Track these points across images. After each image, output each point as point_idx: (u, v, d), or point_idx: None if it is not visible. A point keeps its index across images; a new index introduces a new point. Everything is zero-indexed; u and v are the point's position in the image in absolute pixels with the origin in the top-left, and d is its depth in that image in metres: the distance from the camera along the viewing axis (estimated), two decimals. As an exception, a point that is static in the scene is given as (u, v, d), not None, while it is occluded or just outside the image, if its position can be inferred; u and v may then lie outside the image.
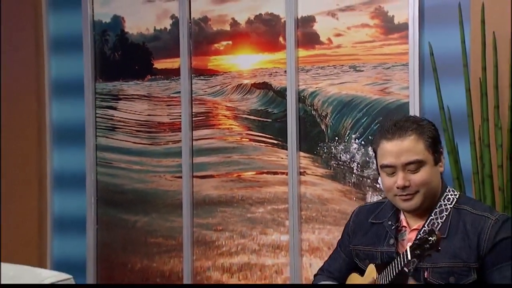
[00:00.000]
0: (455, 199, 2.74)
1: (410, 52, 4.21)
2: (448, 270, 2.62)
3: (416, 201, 2.70)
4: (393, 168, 2.69)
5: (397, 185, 2.68)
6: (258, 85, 4.69)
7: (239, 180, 4.75)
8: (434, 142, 2.73)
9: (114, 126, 5.09)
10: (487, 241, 2.62)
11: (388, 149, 2.70)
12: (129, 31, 5.03)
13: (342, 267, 2.96)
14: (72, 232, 5.13)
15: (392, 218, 2.81)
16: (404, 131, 2.70)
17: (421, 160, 2.68)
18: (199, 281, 4.80)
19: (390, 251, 2.73)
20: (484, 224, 2.65)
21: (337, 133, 4.47)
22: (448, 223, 2.68)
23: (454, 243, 2.63)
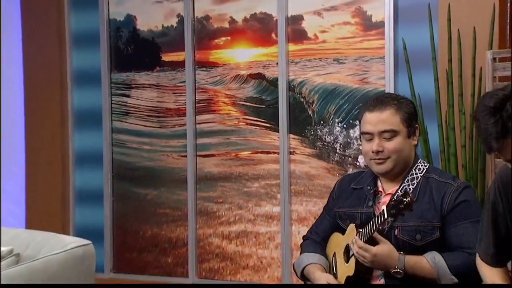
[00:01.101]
0: (425, 169, 2.77)
1: (386, 47, 4.23)
2: (416, 228, 2.64)
3: (387, 166, 2.72)
4: (371, 135, 2.73)
5: (372, 149, 2.72)
6: (253, 76, 4.68)
7: (237, 158, 4.75)
8: (409, 117, 2.75)
9: (127, 111, 5.08)
10: (448, 203, 2.66)
11: (368, 118, 2.74)
12: (140, 28, 5.02)
13: (327, 228, 2.95)
14: (91, 204, 5.14)
15: (371, 184, 2.82)
16: (384, 104, 2.74)
17: (395, 130, 2.71)
18: (202, 246, 4.80)
19: (369, 212, 2.75)
20: (447, 189, 2.69)
21: (322, 118, 4.48)
22: (418, 189, 2.71)
23: (421, 205, 2.66)
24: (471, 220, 2.66)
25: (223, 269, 4.77)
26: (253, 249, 4.68)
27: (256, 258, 4.67)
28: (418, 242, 2.65)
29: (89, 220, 5.15)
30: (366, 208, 2.78)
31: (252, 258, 4.68)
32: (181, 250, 4.90)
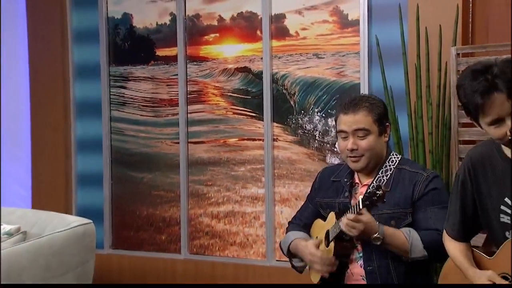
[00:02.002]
0: (397, 161, 2.79)
1: (361, 43, 4.23)
2: (390, 215, 2.66)
3: (362, 163, 2.74)
4: (346, 133, 2.74)
5: (347, 147, 2.73)
6: (240, 69, 4.68)
7: (225, 145, 4.75)
8: (380, 117, 2.77)
9: (125, 101, 5.07)
10: (419, 191, 2.68)
11: (343, 119, 2.75)
12: (136, 25, 5.00)
13: (310, 215, 2.97)
14: (92, 186, 5.14)
15: (348, 176, 2.84)
16: (357, 107, 2.75)
17: (368, 129, 2.72)
18: (193, 225, 4.81)
19: (345, 202, 2.77)
20: (418, 178, 2.71)
21: (303, 108, 4.48)
22: (391, 179, 2.72)
23: (395, 194, 2.68)
24: (439, 206, 2.69)
25: (212, 245, 4.78)
26: (240, 228, 4.69)
27: (243, 235, 4.69)
28: (393, 227, 2.66)
29: (90, 201, 5.15)
30: (343, 198, 2.80)
31: (239, 236, 4.70)
32: (174, 229, 4.90)
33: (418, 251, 2.59)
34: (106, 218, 5.09)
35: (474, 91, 2.17)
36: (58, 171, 5.16)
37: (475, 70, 2.20)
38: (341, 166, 2.96)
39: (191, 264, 4.82)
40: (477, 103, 2.17)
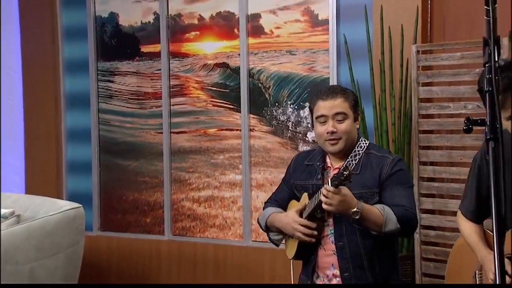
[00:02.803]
0: (365, 146, 2.78)
1: (330, 41, 4.24)
2: (359, 195, 2.64)
3: (340, 145, 2.72)
4: (326, 117, 2.71)
5: (327, 130, 2.70)
6: (219, 65, 4.67)
7: (205, 135, 4.75)
8: (355, 105, 2.77)
9: (112, 94, 5.06)
10: (385, 173, 2.69)
11: (323, 105, 2.73)
12: (122, 24, 4.99)
13: (285, 197, 2.96)
14: (81, 173, 5.13)
15: (320, 160, 2.82)
16: (335, 93, 2.74)
17: (346, 114, 2.71)
18: (176, 209, 4.82)
19: (318, 184, 2.75)
20: (384, 161, 2.71)
21: (277, 100, 4.49)
22: (360, 163, 2.72)
23: (364, 176, 2.68)
24: (404, 186, 2.71)
25: (193, 227, 4.80)
26: (219, 211, 4.71)
27: (222, 218, 4.70)
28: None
29: (80, 186, 5.14)
30: (316, 180, 2.79)
31: (218, 218, 4.71)
32: (158, 212, 4.91)
33: (392, 224, 2.59)
34: (95, 202, 5.08)
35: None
36: (50, 159, 5.15)
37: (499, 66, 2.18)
38: (314, 151, 2.96)
39: (174, 245, 4.83)
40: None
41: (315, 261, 2.77)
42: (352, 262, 2.69)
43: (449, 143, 3.72)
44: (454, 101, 3.73)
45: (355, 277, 2.68)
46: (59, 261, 3.76)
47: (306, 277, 2.82)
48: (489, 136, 1.57)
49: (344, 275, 2.69)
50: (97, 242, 5.03)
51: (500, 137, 1.57)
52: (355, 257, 2.68)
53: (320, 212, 2.67)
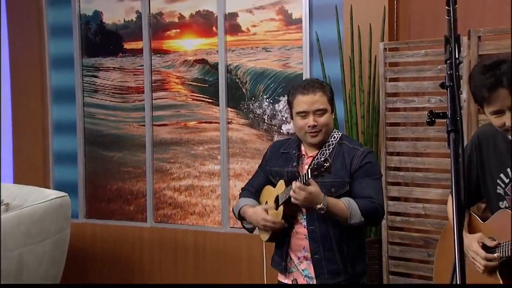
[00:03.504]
0: (339, 137, 2.79)
1: (303, 39, 4.24)
2: (331, 184, 2.67)
3: (320, 137, 2.74)
4: (307, 113, 2.72)
5: (309, 124, 2.71)
6: (198, 61, 4.66)
7: (185, 127, 4.74)
8: (331, 98, 2.79)
9: (96, 89, 5.03)
10: (356, 164, 2.71)
11: (303, 100, 2.73)
12: (106, 22, 4.96)
13: (260, 182, 2.96)
14: (67, 163, 5.10)
15: (296, 148, 2.83)
16: (314, 88, 2.75)
17: (325, 109, 2.73)
18: (158, 197, 4.81)
19: (293, 170, 2.77)
20: (356, 153, 2.73)
21: (253, 95, 4.49)
22: (333, 153, 2.73)
23: (335, 166, 2.68)
24: (373, 177, 2.73)
25: (174, 215, 4.80)
26: (199, 199, 4.71)
27: (201, 206, 4.70)
28: (333, 194, 2.68)
29: (66, 176, 5.11)
30: (292, 168, 2.80)
31: (197, 206, 4.72)
32: (141, 200, 4.90)
33: (357, 217, 2.62)
34: (80, 191, 5.06)
35: (482, 85, 2.16)
36: (37, 150, 5.12)
37: (486, 65, 2.18)
38: (289, 140, 2.97)
39: (156, 231, 4.83)
40: (483, 96, 2.17)
41: (289, 244, 2.79)
42: (322, 245, 2.71)
43: (414, 134, 3.75)
44: (418, 95, 3.75)
45: (324, 259, 2.71)
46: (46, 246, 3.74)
47: (280, 258, 2.84)
48: (450, 128, 1.59)
49: (315, 257, 2.72)
50: (83, 229, 5.01)
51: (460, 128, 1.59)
52: (325, 240, 2.70)
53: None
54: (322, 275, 2.71)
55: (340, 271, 2.71)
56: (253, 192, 2.99)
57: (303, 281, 2.77)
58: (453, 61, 1.60)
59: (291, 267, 2.81)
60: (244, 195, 3.02)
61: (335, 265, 2.71)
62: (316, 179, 2.57)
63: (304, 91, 2.75)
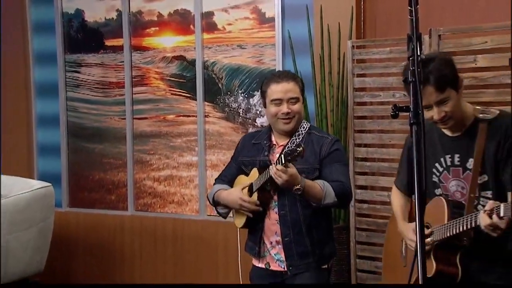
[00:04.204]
0: (307, 127, 2.80)
1: (276, 37, 4.24)
2: (302, 170, 2.66)
3: (292, 124, 2.74)
4: (281, 100, 2.71)
5: (283, 111, 2.70)
6: (176, 57, 4.64)
7: (164, 120, 4.72)
8: (302, 89, 2.80)
9: (79, 84, 4.99)
10: (325, 151, 2.72)
11: (278, 89, 2.72)
12: (88, 20, 4.92)
13: (233, 173, 2.95)
14: (51, 155, 5.06)
15: (267, 139, 2.83)
16: (288, 78, 2.76)
17: (298, 97, 2.74)
18: (138, 187, 4.79)
19: (265, 160, 2.77)
20: (324, 141, 2.74)
21: (229, 90, 4.49)
22: (303, 142, 2.73)
23: (306, 153, 2.64)
24: (341, 163, 2.74)
25: (154, 204, 4.78)
26: (177, 189, 4.70)
27: (180, 195, 4.70)
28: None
29: (50, 167, 5.07)
30: (264, 157, 2.80)
31: (176, 195, 4.71)
32: (122, 190, 4.88)
33: (330, 198, 2.63)
34: (64, 181, 5.02)
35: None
36: (22, 143, 5.07)
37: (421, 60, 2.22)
38: (259, 131, 2.96)
39: (136, 219, 4.81)
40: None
41: (262, 229, 2.80)
42: (292, 229, 2.72)
43: (380, 127, 3.78)
44: (384, 90, 3.78)
45: (294, 242, 2.72)
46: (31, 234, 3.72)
47: (254, 243, 2.84)
48: (413, 121, 1.62)
49: (285, 240, 2.73)
50: (66, 217, 4.97)
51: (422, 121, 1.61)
52: (295, 224, 2.72)
53: (269, 185, 2.70)
54: (292, 257, 2.73)
55: (309, 253, 2.73)
56: (226, 182, 2.98)
57: (275, 265, 2.79)
58: (415, 58, 1.63)
59: (264, 252, 2.82)
60: (217, 184, 3.01)
61: (304, 247, 2.72)
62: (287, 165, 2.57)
63: (278, 80, 2.76)
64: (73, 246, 4.99)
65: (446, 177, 2.30)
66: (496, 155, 2.17)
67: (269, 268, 2.80)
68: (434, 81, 2.15)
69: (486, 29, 3.31)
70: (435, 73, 2.15)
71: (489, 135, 2.18)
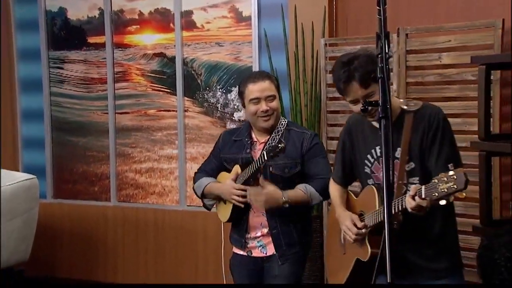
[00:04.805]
0: (286, 123, 2.80)
1: (253, 35, 4.25)
2: (284, 165, 2.69)
3: (272, 121, 2.74)
4: (259, 99, 2.72)
5: (262, 109, 2.71)
6: (157, 54, 4.62)
7: (145, 115, 4.70)
8: (278, 86, 2.81)
9: (62, 79, 4.94)
10: (306, 146, 2.73)
11: (255, 88, 2.73)
12: (71, 18, 4.87)
13: (214, 168, 2.93)
14: (36, 148, 5.01)
15: (248, 136, 2.82)
16: (263, 77, 2.77)
17: (275, 95, 2.74)
18: (120, 179, 4.77)
19: (247, 156, 2.77)
20: (304, 136, 2.75)
21: (208, 85, 4.48)
22: (283, 137, 2.74)
23: (287, 148, 2.66)
24: (321, 156, 2.76)
25: (136, 195, 4.76)
26: (158, 180, 4.69)
27: (161, 186, 4.69)
28: (286, 174, 2.72)
29: (34, 160, 5.01)
30: (245, 154, 2.79)
31: (157, 187, 4.70)
32: (104, 182, 4.85)
33: (316, 198, 2.67)
34: (48, 173, 4.98)
35: (339, 79, 2.25)
36: (7, 136, 4.99)
37: (342, 61, 2.27)
38: (239, 128, 2.95)
39: (119, 210, 4.79)
40: (340, 87, 2.27)
41: (247, 222, 2.80)
42: (279, 221, 2.74)
43: (351, 121, 3.80)
44: (355, 86, 3.80)
45: (282, 233, 2.74)
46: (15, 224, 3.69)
47: (239, 236, 2.84)
48: (381, 115, 1.63)
49: (273, 231, 2.74)
50: (51, 208, 4.93)
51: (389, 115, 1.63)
52: (281, 216, 2.73)
53: (252, 181, 2.70)
54: (281, 247, 2.74)
55: (296, 243, 2.75)
56: (209, 176, 2.95)
57: (257, 251, 2.79)
58: (383, 55, 1.64)
59: (249, 242, 2.82)
60: (200, 176, 2.96)
61: (291, 237, 2.74)
62: (271, 160, 2.59)
63: (255, 80, 2.76)
64: (58, 236, 4.95)
65: (377, 168, 2.34)
66: (421, 144, 2.23)
67: (251, 255, 2.81)
68: (358, 77, 2.20)
69: (450, 28, 3.35)
70: (360, 70, 2.20)
71: (414, 125, 2.23)
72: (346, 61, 2.25)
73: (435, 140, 2.22)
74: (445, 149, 2.21)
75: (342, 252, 2.50)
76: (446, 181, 1.90)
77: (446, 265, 2.29)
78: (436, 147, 2.21)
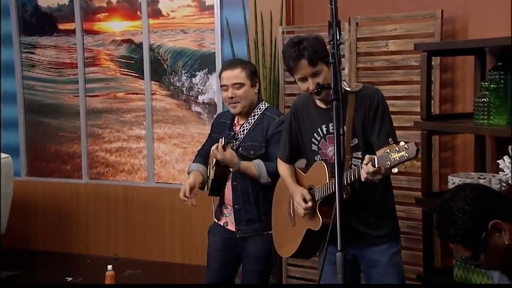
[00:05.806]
0: (263, 108, 2.78)
1: (215, 23, 4.23)
2: (250, 146, 2.71)
3: (239, 108, 2.73)
4: (227, 86, 2.72)
5: (228, 96, 2.72)
6: (125, 41, 4.57)
7: (115, 98, 4.66)
8: (251, 74, 2.75)
9: (34, 64, 4.84)
10: (272, 130, 2.72)
11: (224, 76, 2.73)
12: (41, 5, 4.75)
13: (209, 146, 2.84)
14: (10, 129, 4.88)
15: (230, 118, 2.84)
16: (234, 65, 2.75)
17: (241, 83, 2.71)
18: (91, 158, 4.72)
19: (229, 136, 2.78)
20: (272, 122, 2.73)
21: (174, 70, 4.46)
22: (256, 122, 2.75)
23: (256, 132, 2.70)
24: None
25: (107, 173, 4.72)
26: (128, 159, 4.65)
27: (130, 165, 4.66)
28: (251, 155, 2.72)
29: (8, 140, 4.87)
30: (225, 135, 2.79)
31: (126, 165, 4.67)
32: (76, 161, 4.79)
33: (264, 178, 2.68)
34: (22, 153, 4.90)
35: (289, 57, 2.28)
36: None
37: (292, 42, 2.31)
38: (228, 111, 2.94)
39: (90, 187, 4.74)
40: (290, 65, 2.30)
41: (223, 197, 2.84)
42: (242, 198, 2.76)
43: (307, 103, 3.82)
44: (310, 71, 3.81)
45: (243, 209, 2.76)
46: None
47: (219, 207, 2.88)
48: (333, 97, 1.65)
49: (235, 207, 2.77)
50: (25, 185, 4.85)
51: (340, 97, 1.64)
52: (244, 194, 2.75)
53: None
54: (241, 222, 2.77)
55: (255, 220, 2.76)
56: (203, 155, 2.97)
57: (232, 225, 2.82)
58: (335, 42, 1.65)
59: (225, 213, 2.86)
60: (197, 157, 3.00)
61: (251, 214, 2.75)
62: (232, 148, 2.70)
63: (226, 67, 2.77)
64: (32, 212, 4.88)
65: (324, 144, 2.38)
66: (364, 121, 2.29)
67: (226, 227, 2.84)
68: (307, 56, 2.24)
69: (396, 18, 3.39)
70: (309, 49, 2.25)
71: (356, 104, 2.29)
72: (297, 41, 2.29)
73: (376, 117, 2.28)
74: (385, 125, 2.28)
75: (291, 224, 2.53)
76: (398, 151, 1.93)
77: (386, 231, 2.36)
78: (377, 124, 2.27)
